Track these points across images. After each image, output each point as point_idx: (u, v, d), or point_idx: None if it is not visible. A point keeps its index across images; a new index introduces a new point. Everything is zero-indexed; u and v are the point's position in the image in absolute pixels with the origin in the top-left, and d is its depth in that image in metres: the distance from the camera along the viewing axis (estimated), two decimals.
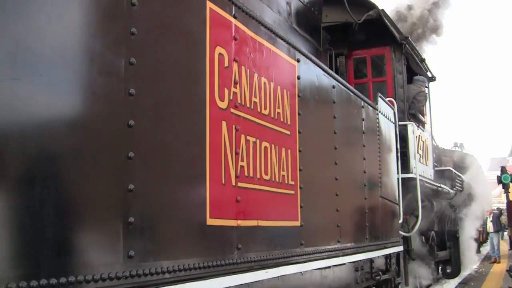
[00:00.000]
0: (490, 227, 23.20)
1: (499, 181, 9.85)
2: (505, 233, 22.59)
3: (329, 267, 4.92)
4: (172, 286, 2.80)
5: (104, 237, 2.47)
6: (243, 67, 3.69)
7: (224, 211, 3.34)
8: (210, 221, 3.18)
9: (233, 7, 3.66)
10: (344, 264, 5.32)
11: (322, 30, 7.45)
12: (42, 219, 2.13)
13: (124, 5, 2.65)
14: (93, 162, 2.41)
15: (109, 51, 2.54)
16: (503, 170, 10.30)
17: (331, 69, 6.52)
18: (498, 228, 22.36)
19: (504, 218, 25.01)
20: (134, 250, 2.56)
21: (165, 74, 2.90)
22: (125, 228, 2.53)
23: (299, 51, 4.66)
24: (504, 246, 25.41)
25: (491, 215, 23.43)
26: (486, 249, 27.94)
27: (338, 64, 8.63)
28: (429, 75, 10.60)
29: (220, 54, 3.43)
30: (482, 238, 27.98)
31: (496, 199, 61.78)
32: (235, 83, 3.58)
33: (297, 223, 4.33)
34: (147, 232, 2.67)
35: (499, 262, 20.46)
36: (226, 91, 3.46)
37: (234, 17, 3.66)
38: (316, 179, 4.82)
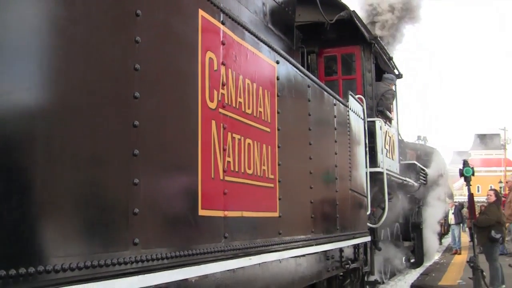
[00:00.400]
0: (451, 219, 23.63)
1: (461, 174, 10.30)
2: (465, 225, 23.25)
3: (304, 255, 5.30)
4: (170, 271, 3.13)
5: (113, 227, 2.78)
6: (229, 69, 4.02)
7: (213, 202, 3.69)
8: (202, 212, 3.52)
9: (221, 14, 3.99)
10: (317, 253, 5.72)
11: (295, 29, 7.82)
12: (65, 212, 2.45)
13: (130, 15, 2.96)
14: (103, 159, 2.72)
15: (117, 58, 2.85)
16: (465, 163, 10.77)
17: (303, 66, 6.89)
18: (460, 220, 22.93)
19: (465, 211, 25.79)
20: (140, 238, 2.88)
21: (165, 78, 3.23)
22: (131, 217, 2.85)
23: (278, 53, 5.01)
24: (465, 238, 25.87)
25: (453, 207, 24.14)
26: (447, 240, 28.55)
27: (309, 61, 9.01)
28: (396, 72, 11.10)
29: (210, 58, 3.76)
30: (444, 230, 28.68)
31: (458, 191, 63.21)
32: (223, 85, 3.91)
33: (276, 214, 4.70)
34: (150, 222, 3.00)
35: (460, 254, 20.95)
36: (215, 92, 3.80)
37: (222, 23, 3.99)
38: (293, 173, 5.19)
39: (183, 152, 3.39)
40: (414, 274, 15.09)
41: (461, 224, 23.84)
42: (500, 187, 52.67)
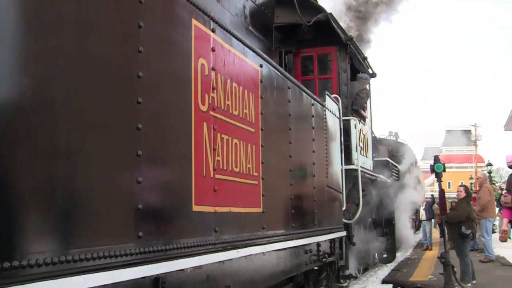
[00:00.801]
0: (422, 215, 23.54)
1: (432, 170, 10.60)
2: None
3: (285, 248, 5.68)
4: (169, 262, 3.47)
5: (119, 222, 3.11)
6: (219, 74, 4.37)
7: (205, 199, 4.04)
8: (195, 208, 3.87)
9: (211, 23, 4.33)
10: (297, 246, 6.11)
11: (274, 30, 8.17)
12: (82, 208, 2.78)
13: (134, 27, 3.28)
14: (112, 160, 3.05)
15: (123, 66, 3.18)
16: (436, 159, 11.06)
17: (281, 66, 7.26)
18: (431, 216, 22.97)
19: (436, 207, 26.09)
20: (144, 231, 3.21)
21: (165, 84, 3.56)
22: (135, 213, 3.18)
23: (262, 57, 5.37)
24: (436, 234, 26.27)
25: (424, 203, 24.42)
26: (418, 236, 29.01)
27: (287, 61, 9.38)
28: (370, 71, 11.56)
29: (202, 64, 4.10)
30: (415, 226, 28.98)
31: (430, 187, 64.22)
32: (213, 88, 4.26)
33: (260, 210, 5.07)
34: (152, 217, 3.33)
35: (431, 249, 21.03)
36: (206, 96, 4.14)
37: (213, 31, 4.33)
38: (275, 170, 5.56)
39: (179, 152, 3.74)
40: (385, 270, 15.24)
41: (432, 220, 24.04)
42: (471, 183, 53.76)
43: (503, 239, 12.13)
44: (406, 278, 13.09)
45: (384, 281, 12.95)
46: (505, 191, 15.52)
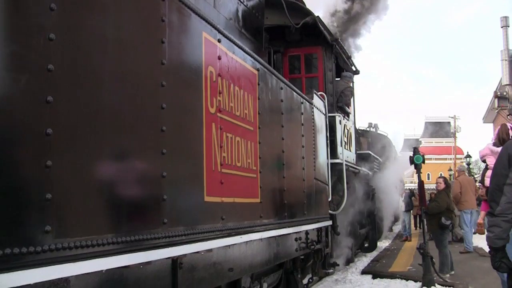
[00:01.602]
0: (402, 206, 24.32)
1: (412, 161, 10.96)
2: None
3: (279, 235, 6.33)
4: (188, 245, 4.09)
5: (150, 210, 3.72)
6: (224, 79, 4.99)
7: (214, 190, 4.66)
8: (206, 198, 4.49)
9: (217, 33, 4.93)
10: (289, 234, 6.76)
11: (263, 31, 8.79)
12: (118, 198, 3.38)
13: (158, 42, 3.88)
14: (143, 157, 3.65)
15: (150, 77, 3.78)
16: (416, 151, 11.45)
17: (270, 64, 7.87)
18: (410, 208, 23.37)
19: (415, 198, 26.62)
20: (168, 219, 3.83)
21: (183, 91, 4.18)
22: (161, 203, 3.80)
23: (259, 62, 6.00)
24: (412, 225, 27.03)
25: (403, 194, 24.67)
26: (398, 227, 29.61)
27: (275, 60, 10.02)
28: (354, 69, 12.25)
29: (210, 71, 4.71)
30: (394, 217, 29.51)
31: (409, 179, 65.23)
32: (219, 93, 4.87)
33: (258, 200, 5.71)
34: (174, 206, 3.95)
35: (410, 240, 21.55)
36: (214, 99, 4.76)
37: (219, 41, 4.94)
38: (270, 164, 6.20)
39: (194, 150, 4.36)
40: (364, 261, 15.58)
41: (412, 211, 24.51)
42: (450, 175, 54.87)
43: (480, 231, 12.79)
44: (385, 268, 13.43)
45: (363, 272, 13.23)
46: (479, 184, 16.15)
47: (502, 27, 30.59)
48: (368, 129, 23.90)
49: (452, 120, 67.08)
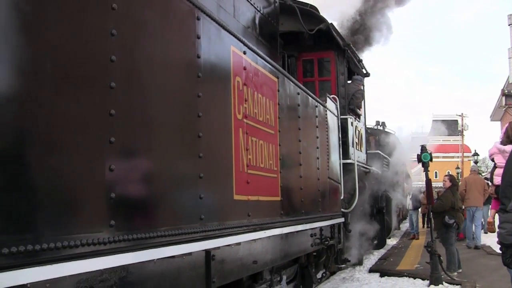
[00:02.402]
0: (409, 204, 24.25)
1: (419, 159, 11.07)
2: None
3: (297, 231, 6.81)
4: (221, 238, 4.58)
5: (190, 207, 4.20)
6: (249, 88, 5.46)
7: (241, 189, 5.14)
8: (235, 197, 4.98)
9: (243, 46, 5.41)
10: (306, 230, 7.24)
11: (278, 37, 9.27)
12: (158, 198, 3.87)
13: (194, 58, 4.36)
14: (182, 160, 4.13)
15: (188, 89, 4.26)
16: (423, 149, 11.59)
17: (284, 68, 8.34)
18: (417, 206, 23.36)
19: (422, 196, 26.62)
20: (204, 215, 4.31)
21: (215, 100, 4.66)
22: (199, 201, 4.28)
23: (278, 70, 6.47)
24: (419, 223, 27.14)
25: (411, 193, 24.82)
26: (405, 225, 29.27)
27: (289, 64, 10.49)
28: (364, 72, 12.72)
29: (237, 81, 5.19)
30: (401, 215, 29.61)
31: (416, 177, 65.26)
32: (245, 100, 5.35)
33: (278, 198, 6.19)
34: (209, 204, 4.43)
35: (417, 239, 21.57)
36: (241, 106, 5.24)
37: (244, 53, 5.42)
38: (289, 165, 6.68)
39: (225, 153, 4.84)
40: (372, 259, 15.71)
41: (420, 209, 24.61)
42: (458, 173, 55.06)
43: (490, 230, 12.93)
44: (393, 267, 13.55)
45: (371, 270, 13.30)
46: (489, 182, 16.40)
47: (509, 25, 30.83)
48: (375, 127, 24.06)
49: (459, 118, 67.20)
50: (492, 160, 11.99)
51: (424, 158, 11.04)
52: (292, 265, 7.92)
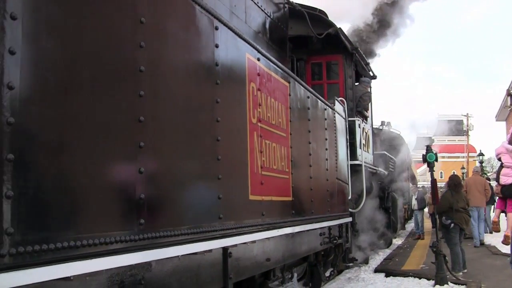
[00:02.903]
0: (414, 204, 24.27)
1: (424, 159, 11.09)
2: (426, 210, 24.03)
3: (307, 230, 7.07)
4: (237, 237, 4.84)
5: (210, 206, 4.47)
6: (262, 93, 5.72)
7: (256, 190, 5.40)
8: (251, 197, 5.24)
9: (257, 53, 5.67)
10: (315, 229, 7.50)
11: (287, 41, 9.54)
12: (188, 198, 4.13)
13: (213, 67, 4.62)
14: (203, 163, 4.39)
15: (205, 97, 4.52)
16: (428, 149, 11.65)
17: (293, 72, 8.60)
18: (422, 206, 23.53)
19: (428, 196, 26.61)
20: (223, 214, 4.57)
21: (233, 105, 4.92)
22: (218, 201, 4.54)
23: (290, 75, 6.73)
24: (428, 223, 26.80)
25: (416, 193, 24.72)
26: (411, 226, 29.29)
27: (298, 67, 10.75)
28: (371, 74, 12.98)
29: (252, 87, 5.45)
30: (407, 215, 29.67)
31: (422, 177, 65.37)
32: (259, 105, 5.61)
33: (290, 198, 6.45)
34: (227, 204, 4.70)
35: (423, 239, 21.66)
36: (255, 111, 5.50)
37: (258, 59, 5.68)
38: (299, 166, 6.93)
39: (241, 156, 5.11)
40: (377, 259, 15.74)
41: (425, 210, 24.61)
42: (463, 173, 55.16)
43: (495, 230, 12.91)
44: (398, 267, 13.56)
45: (376, 270, 13.35)
46: (495, 182, 16.47)
47: None
48: (380, 127, 24.21)
49: (465, 118, 67.34)
50: (499, 159, 12.04)
51: (429, 158, 11.05)
52: (302, 263, 8.18)
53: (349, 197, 9.94)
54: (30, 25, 2.67)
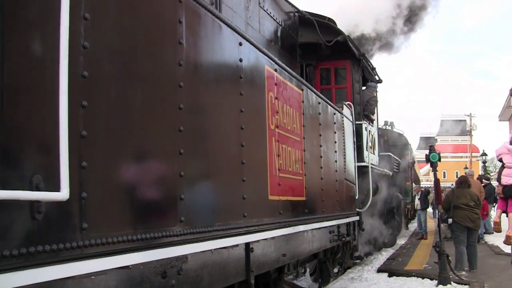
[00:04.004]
0: (417, 204, 24.50)
1: (428, 159, 11.12)
2: (437, 211, 24.04)
3: (319, 228, 7.60)
4: (258, 233, 5.36)
5: (236, 206, 4.98)
6: (279, 101, 6.24)
7: (274, 190, 5.92)
8: (270, 197, 5.76)
9: (274, 64, 6.19)
10: (326, 227, 8.03)
11: (297, 48, 10.07)
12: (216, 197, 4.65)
13: (238, 79, 5.14)
14: (229, 166, 4.91)
15: (233, 105, 5.04)
16: (431, 149, 11.69)
17: (302, 77, 9.12)
18: (425, 206, 23.68)
19: (432, 196, 26.79)
20: (247, 213, 5.09)
21: (254, 114, 5.44)
22: (242, 200, 5.06)
23: (303, 83, 7.25)
24: (430, 223, 26.63)
25: (419, 192, 24.71)
26: (414, 225, 29.50)
27: (307, 72, 11.28)
28: (377, 79, 13.51)
29: (270, 96, 5.97)
30: (410, 215, 29.98)
31: (425, 177, 65.80)
32: (277, 112, 6.13)
33: (303, 198, 6.97)
34: (250, 203, 5.21)
35: (426, 239, 21.75)
36: (273, 118, 6.01)
37: (275, 70, 6.20)
38: (312, 168, 7.46)
39: (262, 159, 5.64)
40: (380, 259, 15.85)
41: (427, 210, 24.65)
42: (466, 173, 55.47)
43: (496, 230, 12.89)
44: (401, 267, 13.57)
45: (379, 270, 13.37)
46: (496, 182, 16.72)
47: None
48: (384, 127, 24.48)
49: (468, 118, 67.73)
50: (500, 160, 12.25)
51: (432, 158, 11.04)
52: (312, 260, 8.70)
53: (357, 197, 10.46)
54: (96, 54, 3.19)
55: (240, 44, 5.24)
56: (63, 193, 2.65)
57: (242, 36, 5.28)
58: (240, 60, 5.22)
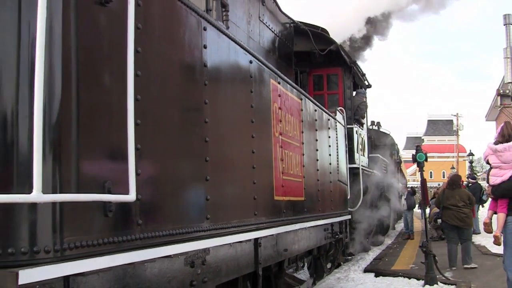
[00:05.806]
0: (404, 204, 25.38)
1: (414, 159, 11.36)
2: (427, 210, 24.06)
3: (316, 226, 8.41)
4: (267, 229, 6.15)
5: (248, 205, 5.76)
6: (282, 110, 7.04)
7: (279, 191, 6.71)
8: (275, 198, 6.55)
9: (278, 77, 6.98)
10: (321, 225, 8.84)
11: (292, 56, 10.88)
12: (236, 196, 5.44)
13: (249, 93, 5.92)
14: (242, 169, 5.69)
15: (244, 118, 5.82)
16: (418, 149, 11.77)
17: (296, 83, 9.92)
18: (412, 206, 23.98)
19: (418, 196, 27.06)
20: (257, 211, 5.87)
21: (261, 123, 6.23)
22: (253, 201, 5.84)
23: (302, 93, 8.05)
24: (417, 223, 26.93)
25: (406, 193, 25.66)
26: (400, 225, 29.81)
27: (301, 79, 12.10)
28: (367, 83, 14.38)
29: (275, 106, 6.77)
30: (396, 215, 30.32)
31: (411, 177, 66.75)
32: (280, 121, 6.92)
33: (303, 198, 7.78)
34: (260, 203, 6.00)
35: (412, 239, 22.19)
36: (278, 126, 6.81)
37: (278, 83, 6.99)
38: (309, 171, 8.26)
39: (269, 164, 6.43)
40: (367, 259, 16.06)
41: (414, 210, 25.01)
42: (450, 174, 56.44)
43: (487, 231, 13.28)
44: (388, 267, 13.81)
45: (366, 270, 13.56)
46: (485, 183, 17.18)
47: (504, 25, 32.14)
48: (370, 127, 25.14)
49: (454, 118, 68.77)
50: (487, 162, 12.72)
51: (419, 158, 11.15)
52: (307, 255, 9.50)
53: (348, 197, 11.29)
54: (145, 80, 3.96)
55: (251, 62, 6.02)
56: (132, 196, 3.42)
57: (252, 54, 6.07)
58: (251, 76, 6.01)
